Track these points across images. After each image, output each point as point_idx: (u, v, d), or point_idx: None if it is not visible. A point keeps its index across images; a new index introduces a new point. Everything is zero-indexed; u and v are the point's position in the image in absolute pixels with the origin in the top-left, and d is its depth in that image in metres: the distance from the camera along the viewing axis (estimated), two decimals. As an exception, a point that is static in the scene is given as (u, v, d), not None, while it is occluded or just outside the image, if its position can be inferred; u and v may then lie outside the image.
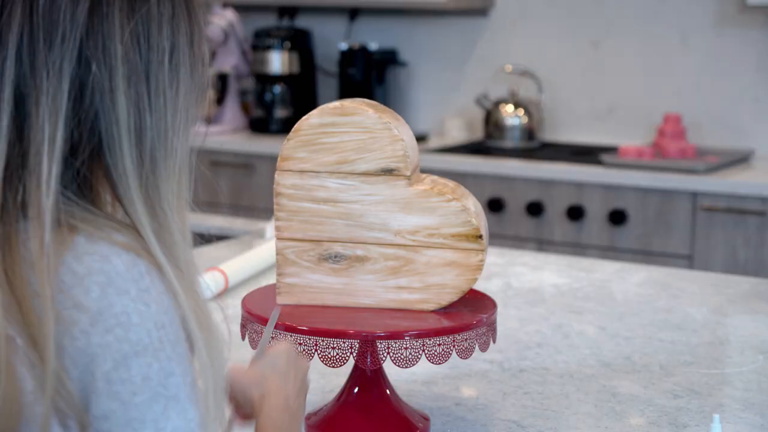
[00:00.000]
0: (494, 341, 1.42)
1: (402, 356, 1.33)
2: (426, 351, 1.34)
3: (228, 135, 4.13)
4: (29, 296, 0.90)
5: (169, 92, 0.99)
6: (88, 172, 0.97)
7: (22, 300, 0.90)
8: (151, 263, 0.93)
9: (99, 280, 0.90)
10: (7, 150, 0.94)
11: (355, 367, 1.44)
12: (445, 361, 1.35)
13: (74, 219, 0.94)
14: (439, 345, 1.35)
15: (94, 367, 0.89)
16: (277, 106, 4.17)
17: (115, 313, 0.89)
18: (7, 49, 0.95)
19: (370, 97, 3.96)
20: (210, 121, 4.12)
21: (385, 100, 4.07)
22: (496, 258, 2.36)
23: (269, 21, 4.41)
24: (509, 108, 3.86)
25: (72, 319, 0.89)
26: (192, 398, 0.92)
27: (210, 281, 1.98)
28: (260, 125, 4.19)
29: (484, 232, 1.40)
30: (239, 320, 1.42)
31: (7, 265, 0.92)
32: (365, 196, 1.40)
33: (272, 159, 3.80)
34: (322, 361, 1.34)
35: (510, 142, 3.84)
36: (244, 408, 1.17)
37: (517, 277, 2.23)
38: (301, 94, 4.22)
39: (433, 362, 1.35)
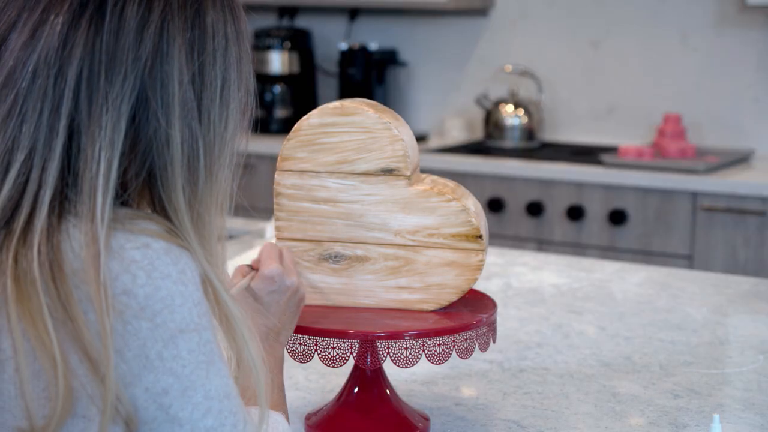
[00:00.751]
0: (494, 341, 1.42)
1: (402, 356, 1.34)
2: (426, 351, 1.34)
3: (228, 135, 4.12)
4: (82, 312, 0.94)
5: (218, 127, 1.04)
6: (139, 202, 1.02)
7: (76, 317, 0.94)
8: (183, 246, 0.99)
9: (144, 265, 0.95)
10: (57, 180, 0.97)
11: (355, 367, 1.44)
12: (445, 361, 1.35)
13: (116, 219, 0.98)
14: (439, 345, 1.35)
15: (147, 349, 0.95)
16: (277, 106, 4.17)
17: (162, 297, 0.95)
18: (66, 80, 0.97)
19: (370, 97, 3.96)
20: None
21: (385, 100, 4.07)
22: (496, 258, 2.36)
23: (269, 21, 4.41)
24: (509, 108, 3.86)
25: (123, 304, 0.94)
26: (222, 357, 1.00)
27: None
28: (260, 125, 4.19)
29: (484, 232, 1.40)
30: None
31: (58, 286, 0.94)
32: (365, 196, 1.40)
33: (272, 159, 3.80)
34: (322, 361, 1.34)
35: (510, 142, 3.84)
36: None
37: (517, 277, 2.23)
38: (301, 94, 4.22)
39: (433, 362, 1.35)
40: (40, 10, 0.99)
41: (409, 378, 1.65)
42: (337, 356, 1.34)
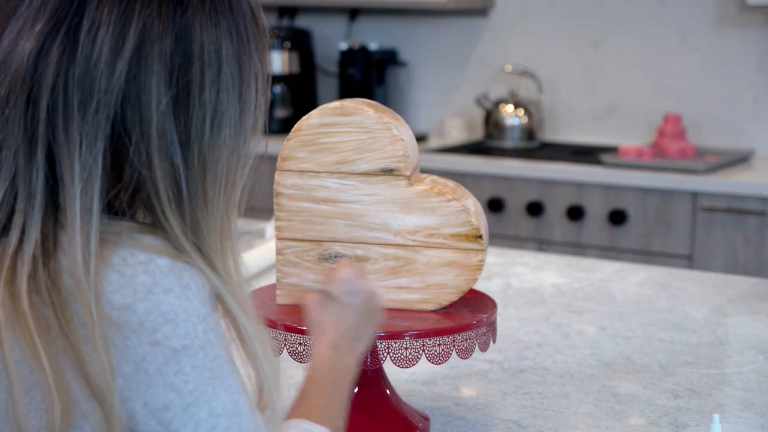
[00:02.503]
0: (494, 341, 1.42)
1: (402, 356, 1.34)
2: (426, 351, 1.34)
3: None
4: (81, 339, 0.92)
5: (209, 156, 0.99)
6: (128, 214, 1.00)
7: (77, 345, 0.92)
8: (188, 261, 0.97)
9: (145, 280, 0.93)
10: (43, 207, 0.95)
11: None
12: (445, 361, 1.35)
13: (111, 233, 0.95)
14: (439, 345, 1.35)
15: (147, 364, 0.93)
16: (277, 106, 4.17)
17: (163, 312, 0.93)
18: (38, 110, 0.94)
19: (370, 97, 3.96)
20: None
21: (385, 100, 4.06)
22: (496, 258, 2.36)
23: (269, 21, 4.39)
24: (509, 108, 3.86)
25: (121, 319, 0.92)
26: (232, 372, 0.98)
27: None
28: (260, 125, 4.19)
29: (484, 232, 1.40)
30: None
31: (56, 309, 0.93)
32: (365, 196, 1.40)
33: (272, 159, 3.79)
34: (322, 361, 1.34)
35: (510, 142, 3.84)
36: None
37: (517, 277, 2.23)
38: (301, 94, 4.22)
39: (433, 362, 1.35)
40: (15, 32, 0.96)
41: (409, 378, 1.65)
42: (337, 356, 1.33)
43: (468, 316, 1.39)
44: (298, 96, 4.21)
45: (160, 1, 0.97)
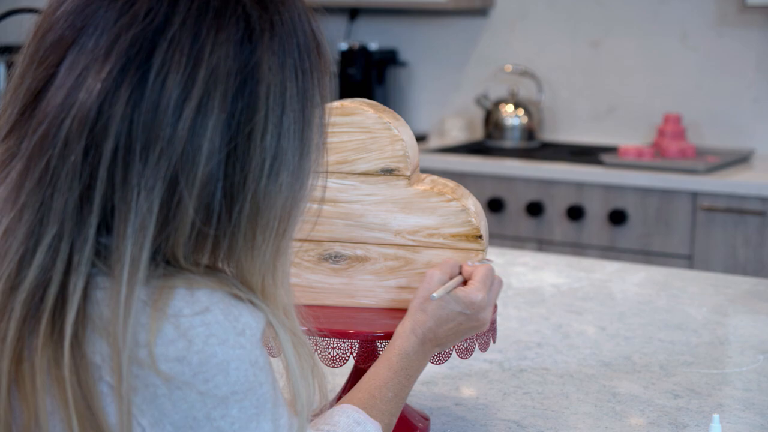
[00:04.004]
0: (494, 341, 1.42)
1: (402, 356, 1.33)
2: (426, 351, 1.34)
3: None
4: (96, 383, 0.90)
5: (262, 205, 0.94)
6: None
7: (90, 395, 0.89)
8: (243, 299, 0.94)
9: (201, 332, 0.91)
10: (88, 261, 0.91)
11: (355, 367, 1.44)
12: (445, 361, 1.35)
13: (171, 278, 0.92)
14: (439, 345, 1.35)
15: (195, 411, 0.92)
16: (277, 106, 4.16)
17: (217, 363, 0.91)
18: (101, 156, 0.89)
19: (370, 97, 3.96)
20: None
21: (385, 100, 4.07)
22: (496, 258, 2.36)
23: (269, 21, 4.41)
24: (509, 108, 3.86)
25: (174, 371, 0.90)
26: (277, 401, 0.96)
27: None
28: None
29: (484, 232, 1.40)
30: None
31: (80, 377, 0.90)
32: (365, 196, 1.40)
33: (272, 159, 3.79)
34: (322, 361, 1.34)
35: (510, 142, 3.84)
36: None
37: (517, 277, 2.23)
38: (301, 94, 4.22)
39: (433, 362, 1.35)
40: (80, 69, 0.91)
41: (409, 378, 1.65)
42: (337, 356, 1.33)
43: (468, 316, 1.39)
44: (298, 96, 4.20)
45: (230, 41, 0.92)
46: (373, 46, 4.08)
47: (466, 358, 1.37)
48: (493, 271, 1.32)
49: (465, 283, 1.31)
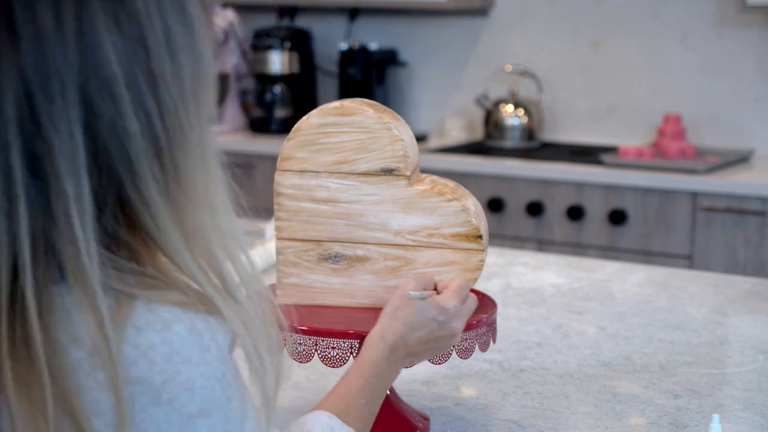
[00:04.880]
0: (494, 341, 1.42)
1: (402, 356, 1.33)
2: (426, 351, 1.34)
3: (228, 135, 4.13)
4: (76, 381, 0.87)
5: (174, 90, 0.90)
6: (119, 227, 0.90)
7: (69, 391, 0.87)
8: (208, 311, 0.91)
9: (163, 350, 0.88)
10: (30, 218, 0.87)
11: (355, 367, 1.44)
12: (445, 361, 1.35)
13: (127, 284, 0.89)
14: (439, 345, 1.34)
15: (162, 430, 0.89)
16: (277, 106, 4.17)
17: (181, 381, 0.89)
18: (7, 114, 0.85)
19: (370, 97, 3.96)
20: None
21: (385, 100, 4.07)
22: (496, 258, 2.36)
23: (269, 21, 4.41)
24: (509, 108, 3.86)
25: (134, 393, 0.88)
26: (246, 414, 0.94)
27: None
28: (260, 125, 4.19)
29: (484, 232, 1.40)
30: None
31: (48, 349, 0.87)
32: (365, 196, 1.40)
33: (272, 159, 3.80)
34: (322, 361, 1.34)
35: (510, 142, 3.84)
36: None
37: (517, 277, 2.23)
38: (301, 94, 4.22)
39: (433, 362, 1.35)
40: None
41: (409, 378, 1.65)
42: (337, 356, 1.33)
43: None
44: (298, 96, 4.21)
45: None
46: (373, 46, 4.08)
47: (466, 358, 1.37)
48: (469, 286, 1.32)
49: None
